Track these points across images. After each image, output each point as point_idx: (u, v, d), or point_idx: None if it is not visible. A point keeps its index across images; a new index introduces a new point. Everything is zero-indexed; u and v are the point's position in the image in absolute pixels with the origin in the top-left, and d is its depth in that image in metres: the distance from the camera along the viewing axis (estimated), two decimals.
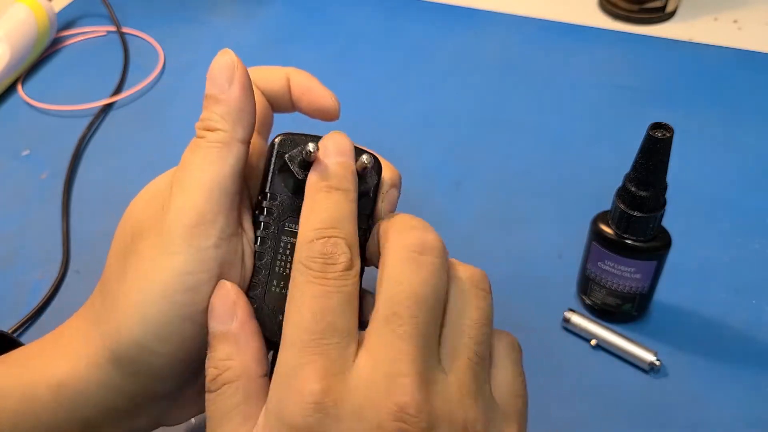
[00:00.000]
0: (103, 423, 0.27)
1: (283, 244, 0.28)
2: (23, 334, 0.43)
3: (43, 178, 0.53)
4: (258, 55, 0.63)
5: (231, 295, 0.25)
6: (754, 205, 0.47)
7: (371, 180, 0.28)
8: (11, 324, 0.42)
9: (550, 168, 0.51)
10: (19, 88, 0.61)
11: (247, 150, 0.28)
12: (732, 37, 0.62)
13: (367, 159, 0.27)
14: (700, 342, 0.39)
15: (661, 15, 0.64)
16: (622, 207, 0.35)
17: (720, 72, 0.58)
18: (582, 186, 0.49)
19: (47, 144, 0.56)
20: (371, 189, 0.28)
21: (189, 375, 0.28)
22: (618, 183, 0.36)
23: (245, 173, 0.29)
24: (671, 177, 0.34)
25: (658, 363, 0.38)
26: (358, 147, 0.28)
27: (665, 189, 0.35)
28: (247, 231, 0.28)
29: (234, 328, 0.25)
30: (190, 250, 0.25)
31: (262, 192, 0.28)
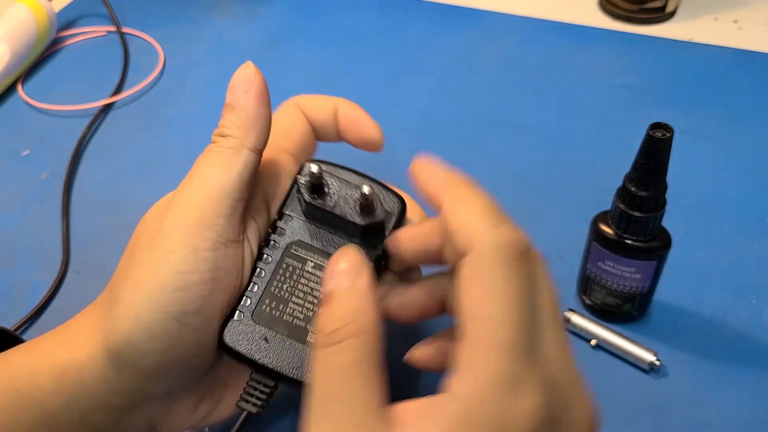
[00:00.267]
0: (100, 416, 0.28)
1: (285, 265, 0.28)
2: (23, 333, 0.43)
3: (43, 178, 0.53)
4: (258, 55, 0.63)
5: (357, 259, 0.25)
6: (754, 205, 0.47)
7: (380, 212, 0.28)
8: (11, 324, 0.42)
9: (549, 168, 0.51)
10: (19, 88, 0.61)
11: (258, 159, 0.28)
12: (732, 37, 0.62)
13: (368, 190, 0.27)
14: (700, 342, 0.39)
15: (661, 15, 0.64)
16: (622, 207, 0.35)
17: (720, 72, 0.58)
18: (582, 186, 0.49)
19: (47, 144, 0.56)
20: (384, 221, 0.28)
21: (181, 381, 0.28)
22: (618, 183, 0.36)
23: (267, 191, 0.29)
24: (671, 177, 0.34)
25: (658, 363, 0.38)
26: (386, 185, 0.29)
27: (665, 189, 0.35)
28: (252, 243, 0.28)
29: (361, 283, 0.24)
30: (185, 249, 0.26)
31: (278, 212, 0.29)
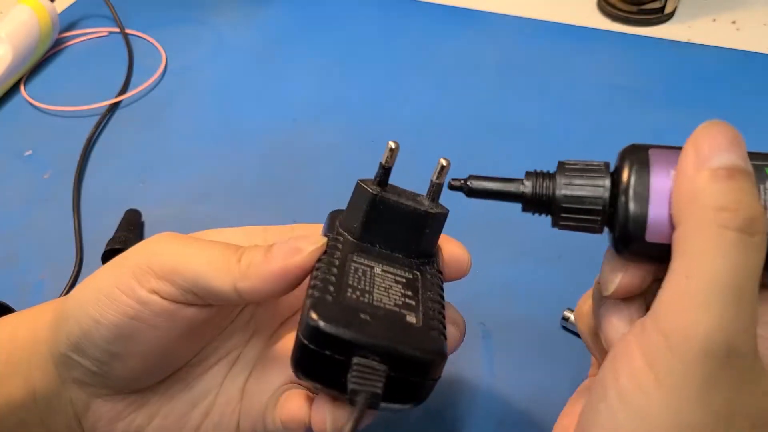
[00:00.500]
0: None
1: (354, 267, 0.27)
2: None
3: (46, 178, 0.53)
4: (258, 55, 0.64)
5: (744, 143, 0.23)
6: None
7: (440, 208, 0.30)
8: None
9: (549, 168, 0.51)
10: (22, 88, 0.61)
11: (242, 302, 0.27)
12: (730, 38, 0.62)
13: (445, 162, 0.29)
14: None
15: (660, 16, 0.64)
16: None
17: (719, 73, 0.59)
18: None
19: (50, 144, 0.56)
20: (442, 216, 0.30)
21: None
22: None
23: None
24: None
25: None
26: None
27: None
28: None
29: (752, 172, 0.22)
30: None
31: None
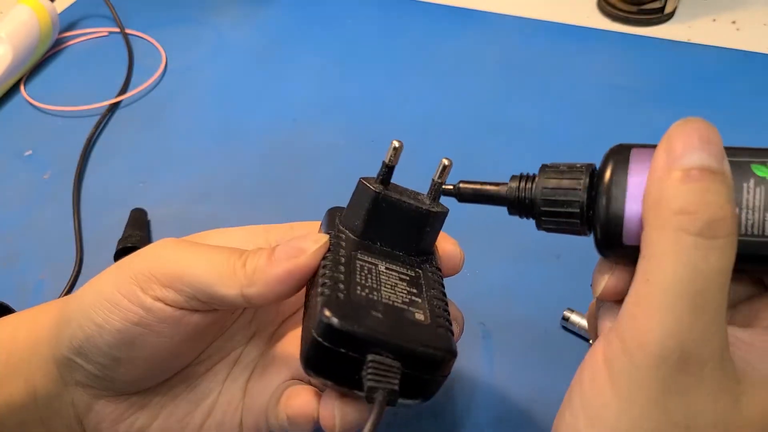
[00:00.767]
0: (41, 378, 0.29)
1: (360, 265, 0.27)
2: None
3: (46, 178, 0.53)
4: (258, 55, 0.64)
5: (721, 141, 0.21)
6: None
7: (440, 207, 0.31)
8: None
9: None
10: (22, 88, 0.61)
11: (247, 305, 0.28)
12: (730, 38, 0.62)
13: (447, 162, 0.31)
14: None
15: (660, 16, 0.64)
16: None
17: (718, 73, 0.59)
18: None
19: (50, 144, 0.56)
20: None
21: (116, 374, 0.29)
22: None
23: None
24: None
25: None
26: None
27: None
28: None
29: (727, 171, 0.21)
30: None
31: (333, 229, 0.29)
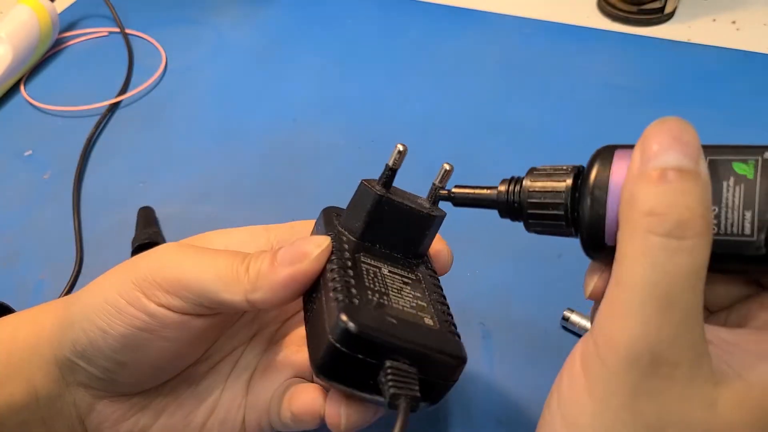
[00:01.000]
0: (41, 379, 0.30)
1: (365, 269, 0.28)
2: None
3: (46, 178, 0.53)
4: (258, 55, 0.64)
5: (698, 140, 0.21)
6: None
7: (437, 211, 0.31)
8: None
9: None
10: (22, 88, 0.61)
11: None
12: (730, 38, 0.62)
13: (449, 166, 0.32)
14: None
15: (660, 16, 0.64)
16: None
17: (718, 73, 0.59)
18: None
19: (50, 144, 0.56)
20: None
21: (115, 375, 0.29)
22: None
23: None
24: None
25: None
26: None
27: None
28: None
29: (703, 170, 0.20)
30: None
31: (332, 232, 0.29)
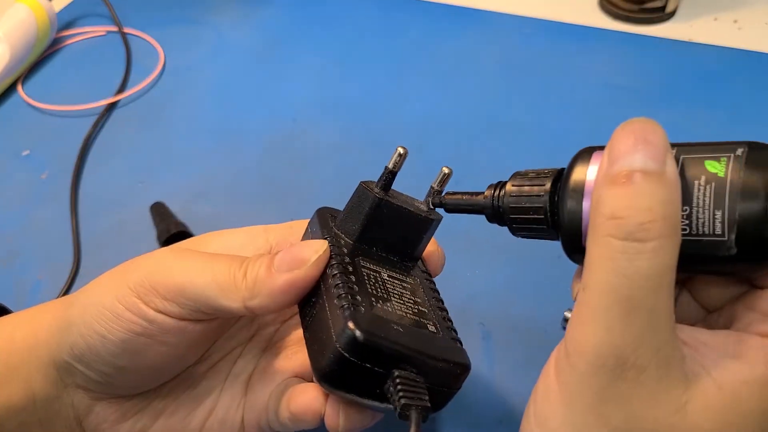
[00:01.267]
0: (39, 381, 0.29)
1: (366, 273, 0.28)
2: None
3: (44, 178, 0.53)
4: (258, 55, 0.64)
5: (665, 140, 0.21)
6: None
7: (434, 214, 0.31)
8: None
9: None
10: (19, 88, 0.61)
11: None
12: (732, 37, 0.62)
13: (447, 170, 0.32)
14: None
15: (661, 15, 0.64)
16: None
17: (720, 72, 0.58)
18: None
19: (47, 144, 0.56)
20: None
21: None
22: None
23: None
24: None
25: None
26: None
27: None
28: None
29: (669, 171, 0.21)
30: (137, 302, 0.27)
31: (329, 235, 0.29)
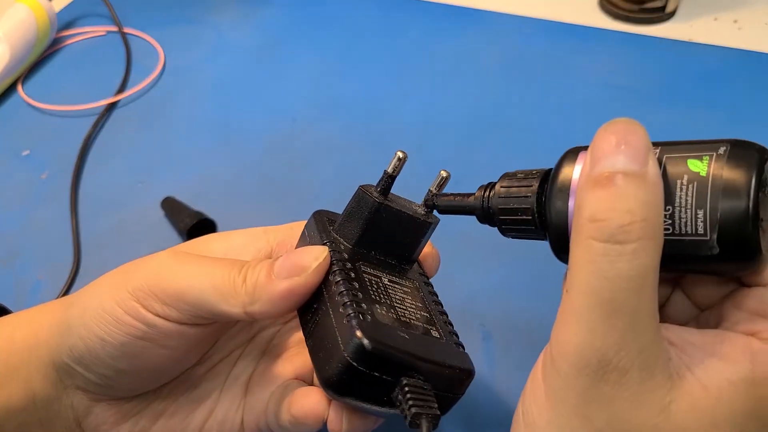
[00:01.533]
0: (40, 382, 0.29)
1: (368, 279, 0.28)
2: None
3: (44, 178, 0.53)
4: (258, 55, 0.63)
5: (646, 141, 0.22)
6: None
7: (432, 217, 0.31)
8: None
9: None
10: (19, 88, 0.61)
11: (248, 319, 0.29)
12: (732, 37, 0.62)
13: (445, 173, 0.31)
14: None
15: (661, 15, 0.64)
16: None
17: (720, 72, 0.58)
18: None
19: (47, 144, 0.56)
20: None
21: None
22: None
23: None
24: None
25: None
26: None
27: None
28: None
29: (651, 171, 0.21)
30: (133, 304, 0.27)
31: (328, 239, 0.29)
